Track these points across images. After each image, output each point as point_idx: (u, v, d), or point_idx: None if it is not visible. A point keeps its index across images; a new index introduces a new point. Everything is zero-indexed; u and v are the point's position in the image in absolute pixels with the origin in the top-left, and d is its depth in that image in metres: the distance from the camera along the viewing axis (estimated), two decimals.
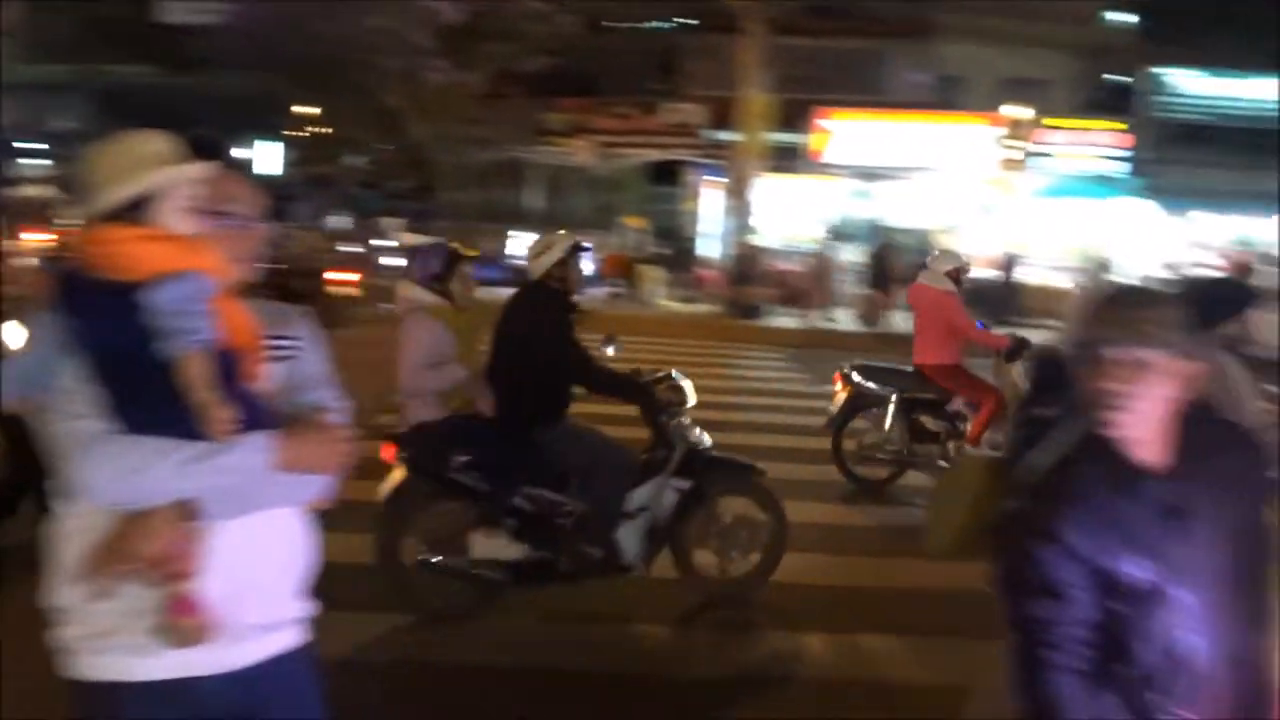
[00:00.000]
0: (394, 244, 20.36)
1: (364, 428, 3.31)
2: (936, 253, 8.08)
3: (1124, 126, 22.23)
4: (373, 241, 21.57)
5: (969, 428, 7.22)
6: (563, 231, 4.97)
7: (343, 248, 19.77)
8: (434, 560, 4.52)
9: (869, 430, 7.66)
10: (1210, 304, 3.66)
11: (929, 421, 7.52)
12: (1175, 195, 21.33)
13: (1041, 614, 1.92)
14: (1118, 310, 1.87)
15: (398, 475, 4.52)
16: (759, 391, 11.77)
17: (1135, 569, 1.86)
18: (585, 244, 4.88)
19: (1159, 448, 1.88)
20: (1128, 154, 22.11)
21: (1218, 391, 3.37)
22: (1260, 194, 22.18)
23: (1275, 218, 22.22)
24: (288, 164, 31.00)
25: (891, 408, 7.43)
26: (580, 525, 4.61)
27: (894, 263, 17.71)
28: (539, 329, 4.60)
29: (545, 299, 4.69)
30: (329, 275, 15.15)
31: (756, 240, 19.21)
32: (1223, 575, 1.86)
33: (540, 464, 4.56)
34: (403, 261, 10.23)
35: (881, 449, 7.53)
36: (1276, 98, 22.86)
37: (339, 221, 26.35)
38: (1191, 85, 23.25)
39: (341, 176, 31.78)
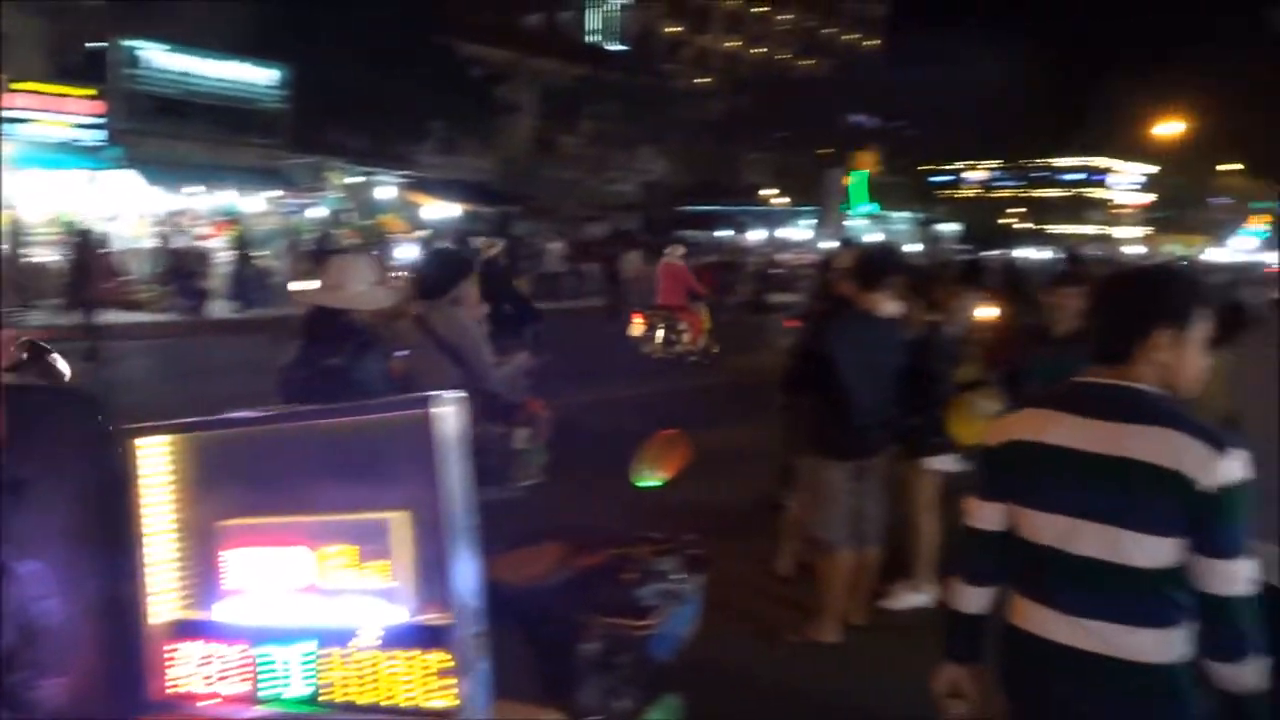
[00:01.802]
0: None
1: None
2: None
3: (95, 93, 21.68)
4: None
5: None
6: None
7: None
8: None
9: None
10: (441, 273, 4.34)
11: None
12: (159, 167, 21.70)
13: None
14: None
15: None
16: None
17: None
18: None
19: None
20: (102, 123, 21.66)
21: (462, 345, 4.18)
22: (238, 168, 24.06)
23: (261, 193, 24.41)
24: None
25: None
26: None
27: None
28: None
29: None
30: None
31: None
32: (71, 535, 1.94)
33: None
34: None
35: None
36: (241, 79, 24.90)
37: None
38: (163, 60, 23.74)
39: None
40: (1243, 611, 1.92)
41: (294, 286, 15.32)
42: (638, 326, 13.50)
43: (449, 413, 1.68)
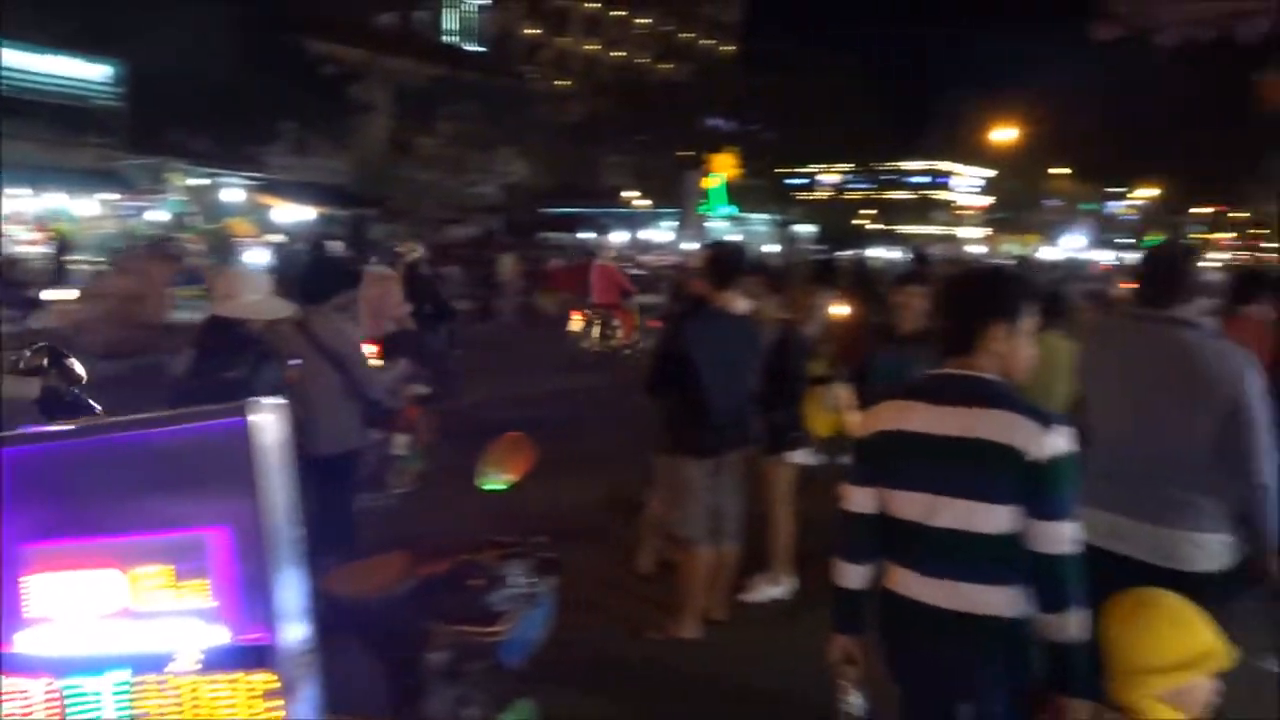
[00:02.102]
0: None
1: None
2: None
3: None
4: None
5: None
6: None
7: None
8: None
9: None
10: (323, 279, 4.43)
11: None
12: None
13: None
14: None
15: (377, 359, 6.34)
16: None
17: None
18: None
19: None
20: None
21: (344, 351, 4.34)
22: (70, 169, 22.61)
23: (95, 195, 22.98)
24: None
25: None
26: None
27: None
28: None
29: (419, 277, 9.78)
30: None
31: None
32: None
33: None
34: None
35: None
36: (72, 75, 23.41)
37: None
38: None
39: None
40: (1068, 568, 2.19)
41: (47, 295, 14.44)
42: (576, 323, 14.93)
43: (269, 421, 1.60)
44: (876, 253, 33.15)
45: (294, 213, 26.05)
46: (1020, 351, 2.33)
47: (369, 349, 8.86)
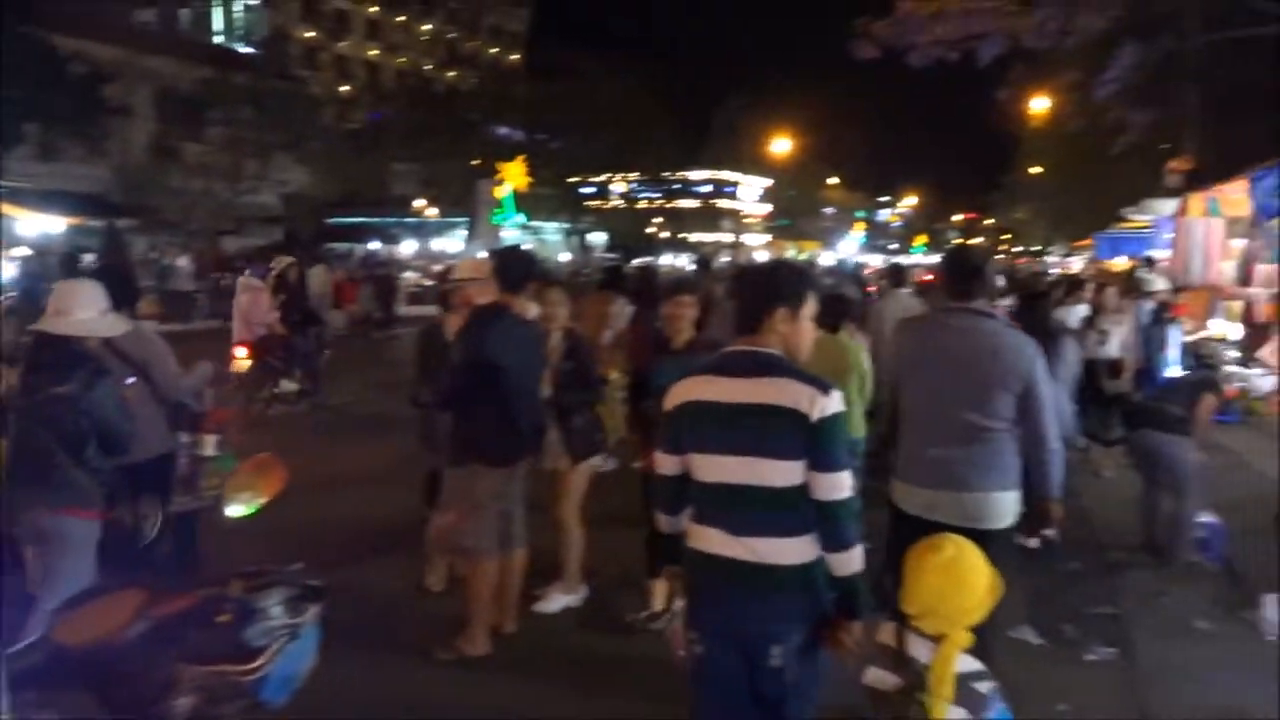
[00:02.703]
0: None
1: None
2: None
3: None
4: None
5: None
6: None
7: None
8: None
9: None
10: (115, 291, 4.21)
11: None
12: None
13: None
14: None
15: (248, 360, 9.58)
16: None
17: None
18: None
19: None
20: None
21: (147, 358, 4.46)
22: None
23: None
24: None
25: None
26: None
27: None
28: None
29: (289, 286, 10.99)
30: None
31: None
32: None
33: None
34: None
35: None
36: None
37: None
38: None
39: None
40: (844, 512, 2.49)
41: None
42: None
43: None
44: (668, 259, 33.88)
45: (40, 223, 23.73)
46: (801, 333, 2.62)
47: (240, 351, 9.90)
